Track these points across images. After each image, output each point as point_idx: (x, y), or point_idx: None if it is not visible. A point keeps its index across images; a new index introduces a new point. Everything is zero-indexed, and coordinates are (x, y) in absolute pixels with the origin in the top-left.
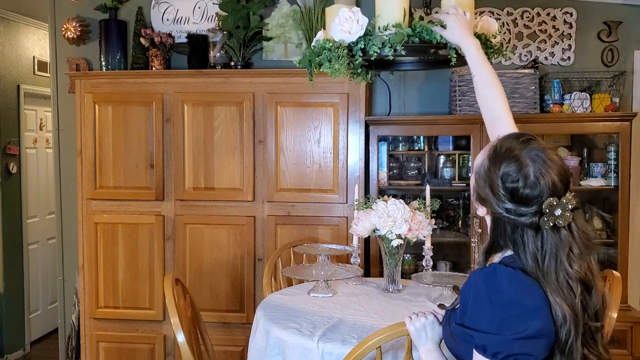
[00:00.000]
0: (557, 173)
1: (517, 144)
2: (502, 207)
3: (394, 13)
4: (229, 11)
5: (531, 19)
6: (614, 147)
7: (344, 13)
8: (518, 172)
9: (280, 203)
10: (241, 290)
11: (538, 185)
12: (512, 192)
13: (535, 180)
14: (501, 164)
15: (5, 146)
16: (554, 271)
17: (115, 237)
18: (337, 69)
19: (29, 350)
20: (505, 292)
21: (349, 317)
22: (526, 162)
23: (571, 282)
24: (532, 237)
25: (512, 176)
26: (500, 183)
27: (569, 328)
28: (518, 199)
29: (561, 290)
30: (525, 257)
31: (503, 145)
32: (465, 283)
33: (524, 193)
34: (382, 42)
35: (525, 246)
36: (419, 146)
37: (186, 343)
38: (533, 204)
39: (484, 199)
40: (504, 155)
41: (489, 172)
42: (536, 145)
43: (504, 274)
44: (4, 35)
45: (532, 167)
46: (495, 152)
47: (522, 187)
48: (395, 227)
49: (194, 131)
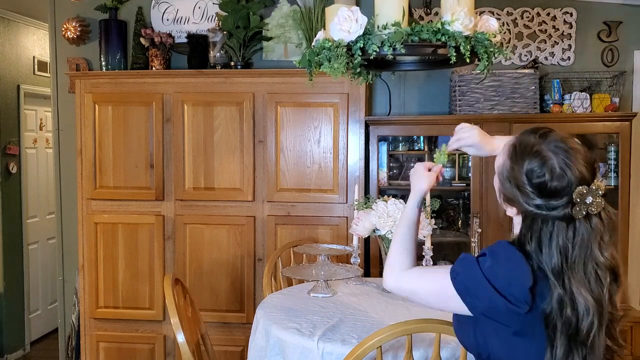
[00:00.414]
0: (582, 161)
1: (535, 138)
2: (532, 204)
3: (392, 12)
4: (229, 11)
5: (531, 19)
6: (614, 147)
7: (343, 12)
8: (542, 166)
9: (280, 203)
10: (241, 290)
11: (565, 176)
12: (539, 188)
13: (562, 171)
14: (523, 161)
15: (5, 146)
16: (582, 262)
17: (115, 237)
18: (336, 68)
19: (29, 350)
20: (499, 262)
21: (349, 317)
22: (548, 155)
23: (600, 272)
24: (563, 229)
25: (537, 171)
26: (526, 180)
27: (592, 320)
28: (547, 193)
29: (588, 281)
30: (550, 252)
31: (522, 142)
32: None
33: (552, 186)
34: (381, 41)
35: (554, 241)
36: (419, 146)
37: (186, 343)
38: (563, 196)
39: (511, 199)
40: (524, 152)
41: (512, 172)
42: (555, 136)
43: (509, 249)
44: (4, 35)
45: (556, 159)
46: (515, 150)
47: (550, 180)
48: (395, 227)
49: (194, 131)
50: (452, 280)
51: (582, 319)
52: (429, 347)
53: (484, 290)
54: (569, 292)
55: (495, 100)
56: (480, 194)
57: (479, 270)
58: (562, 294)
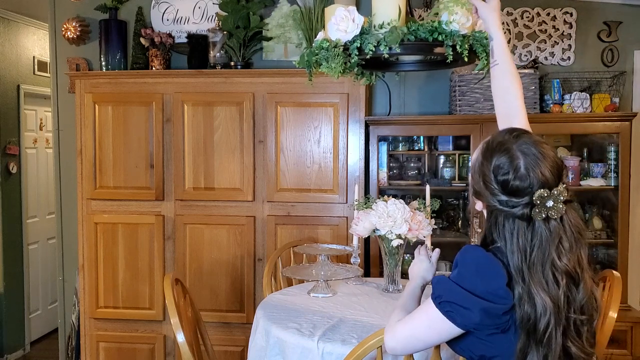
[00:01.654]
0: (548, 165)
1: (509, 137)
2: (495, 199)
3: (389, 11)
4: (229, 11)
5: (531, 19)
6: (614, 147)
7: (340, 12)
8: (509, 164)
9: (280, 203)
10: (241, 290)
11: (528, 177)
12: (503, 184)
13: (526, 172)
14: (492, 157)
15: (5, 146)
16: (540, 263)
17: (115, 237)
18: (334, 68)
19: (29, 350)
20: (469, 270)
21: (349, 317)
22: (517, 154)
23: (557, 275)
24: (523, 228)
25: (503, 169)
26: (492, 176)
27: (549, 319)
28: (509, 190)
29: (545, 282)
30: (512, 250)
31: (495, 139)
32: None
33: (514, 185)
34: (378, 41)
35: (514, 239)
36: (419, 146)
37: (186, 343)
38: (524, 195)
39: (479, 193)
40: (495, 149)
41: (481, 166)
42: (527, 139)
43: (476, 255)
44: (4, 35)
45: (523, 160)
46: (488, 146)
47: (512, 179)
48: (395, 227)
49: (194, 131)
50: (438, 306)
51: (539, 317)
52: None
53: (469, 302)
54: (526, 291)
55: None
56: None
57: (456, 285)
58: (521, 291)
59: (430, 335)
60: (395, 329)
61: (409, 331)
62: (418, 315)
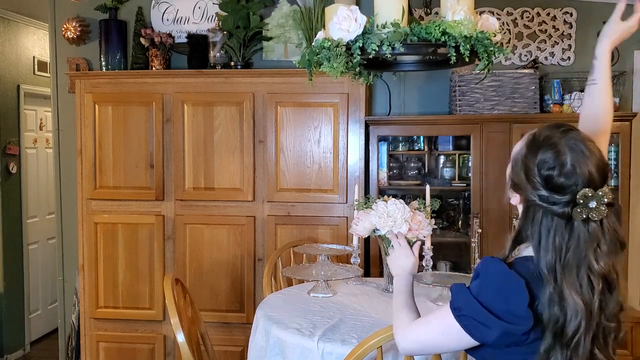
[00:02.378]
0: (594, 164)
1: (556, 132)
2: (535, 194)
3: (392, 11)
4: (229, 11)
5: (531, 19)
6: (614, 147)
7: (342, 12)
8: (555, 159)
9: (280, 203)
10: (241, 290)
11: (574, 174)
12: (547, 179)
13: (572, 168)
14: (538, 150)
15: (5, 146)
16: (575, 264)
17: (115, 237)
18: (336, 67)
19: (29, 350)
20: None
21: (349, 317)
22: (564, 150)
23: (592, 278)
24: (561, 227)
25: (548, 163)
26: (536, 170)
27: (579, 323)
28: (552, 186)
29: (580, 284)
30: (547, 247)
31: (542, 133)
32: (478, 263)
33: (558, 181)
34: (380, 40)
35: (551, 237)
36: (419, 146)
37: (186, 343)
38: (567, 193)
39: (518, 186)
40: (542, 143)
41: (525, 159)
42: (576, 135)
43: (497, 272)
44: (4, 35)
45: (570, 156)
46: (534, 139)
47: (558, 175)
48: (395, 227)
49: (194, 131)
50: (456, 318)
51: (569, 320)
52: None
53: (489, 321)
54: (558, 292)
55: (495, 100)
56: (480, 194)
57: (476, 301)
58: (552, 292)
59: (446, 342)
60: (410, 331)
61: (424, 335)
62: (435, 322)
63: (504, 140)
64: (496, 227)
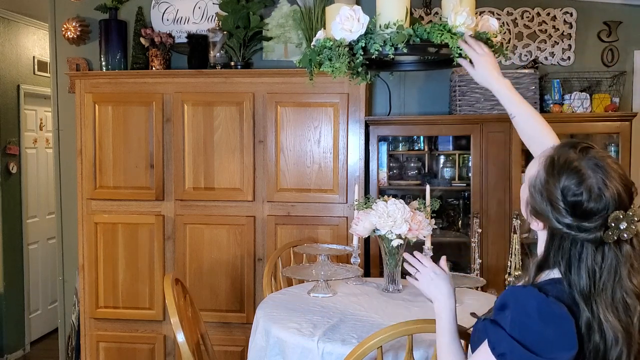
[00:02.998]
0: (621, 183)
1: (574, 153)
2: (562, 222)
3: (395, 11)
4: (229, 11)
5: (531, 19)
6: (614, 147)
7: (345, 12)
8: (580, 184)
9: (280, 203)
10: (241, 290)
11: (603, 198)
12: (574, 206)
13: (599, 192)
14: (560, 176)
15: (5, 146)
16: (610, 288)
17: (115, 237)
18: (338, 67)
19: (29, 350)
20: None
21: (349, 317)
22: (587, 173)
23: (628, 300)
24: (591, 252)
25: (573, 189)
26: (560, 197)
27: (621, 349)
28: (581, 213)
29: (616, 308)
30: (579, 274)
31: (560, 155)
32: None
33: (588, 206)
34: (384, 41)
35: (582, 262)
36: (419, 146)
37: (186, 343)
38: (598, 218)
39: (540, 214)
40: (563, 167)
41: (547, 185)
42: (595, 154)
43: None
44: (4, 35)
45: (595, 178)
46: (553, 163)
47: (587, 200)
48: (395, 227)
49: (194, 131)
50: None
51: (610, 347)
52: (429, 348)
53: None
54: (597, 318)
55: (495, 100)
56: (480, 194)
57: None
58: (590, 318)
59: None
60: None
61: None
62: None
63: (504, 140)
64: (496, 227)
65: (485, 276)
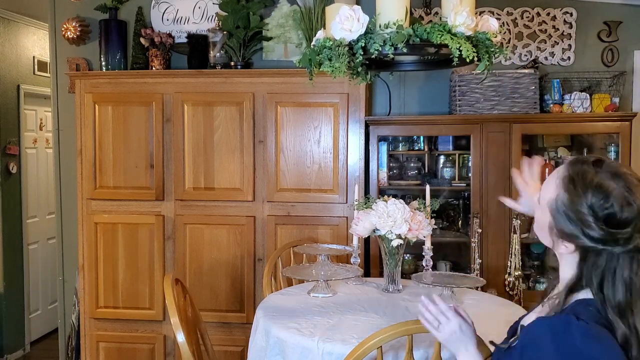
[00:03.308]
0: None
1: (590, 167)
2: (596, 238)
3: (394, 11)
4: (229, 11)
5: (531, 19)
6: (614, 147)
7: (345, 11)
8: (608, 198)
9: (280, 203)
10: (241, 290)
11: (633, 205)
12: (607, 220)
13: (628, 200)
14: (585, 194)
15: (5, 146)
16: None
17: (115, 237)
18: (338, 67)
19: (29, 350)
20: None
21: (349, 317)
22: (609, 184)
23: None
24: (627, 262)
25: (602, 203)
26: (590, 214)
27: None
28: (616, 224)
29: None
30: (614, 287)
31: (577, 173)
32: (530, 327)
33: (622, 217)
34: (384, 40)
35: (618, 275)
36: (419, 146)
37: (186, 343)
38: (629, 226)
39: (569, 235)
40: (584, 185)
41: (572, 206)
42: (609, 164)
43: (578, 330)
44: (4, 35)
45: (619, 189)
46: (573, 183)
47: (620, 211)
48: (395, 227)
49: (194, 131)
50: None
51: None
52: (429, 347)
53: None
54: (634, 331)
55: (495, 100)
56: (480, 194)
57: None
58: (627, 333)
59: None
60: None
61: None
62: None
63: (504, 140)
64: (496, 227)
65: (485, 276)
